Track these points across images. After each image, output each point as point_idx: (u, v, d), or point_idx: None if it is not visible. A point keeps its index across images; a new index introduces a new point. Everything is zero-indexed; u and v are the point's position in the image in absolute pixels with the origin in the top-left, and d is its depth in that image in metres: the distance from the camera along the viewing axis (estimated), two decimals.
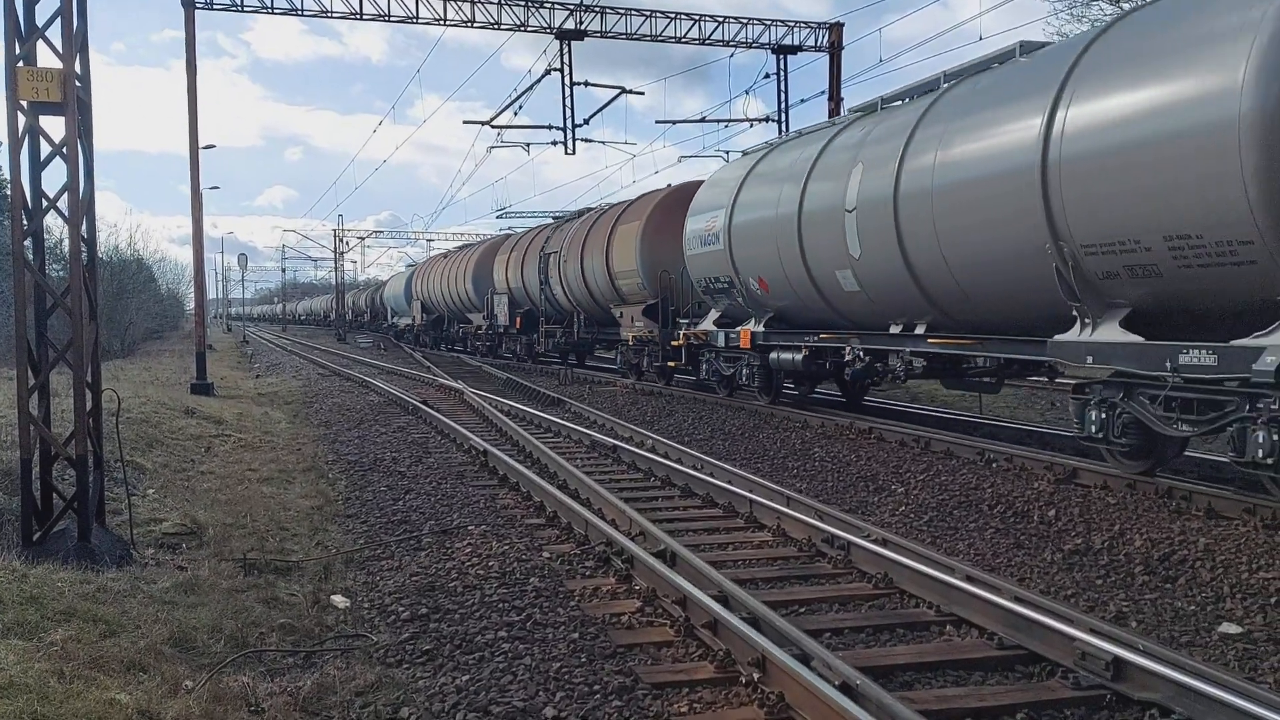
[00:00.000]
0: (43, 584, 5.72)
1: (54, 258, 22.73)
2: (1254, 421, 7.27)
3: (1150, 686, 4.42)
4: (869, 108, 13.69)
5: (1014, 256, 9.55)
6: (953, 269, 10.59)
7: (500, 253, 32.61)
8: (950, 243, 10.47)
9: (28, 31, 6.79)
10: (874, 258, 11.93)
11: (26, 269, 6.82)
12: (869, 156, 12.14)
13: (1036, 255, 9.14)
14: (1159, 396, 8.14)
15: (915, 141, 11.14)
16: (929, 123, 11.10)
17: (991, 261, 10.01)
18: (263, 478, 10.52)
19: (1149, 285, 8.32)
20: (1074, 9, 27.72)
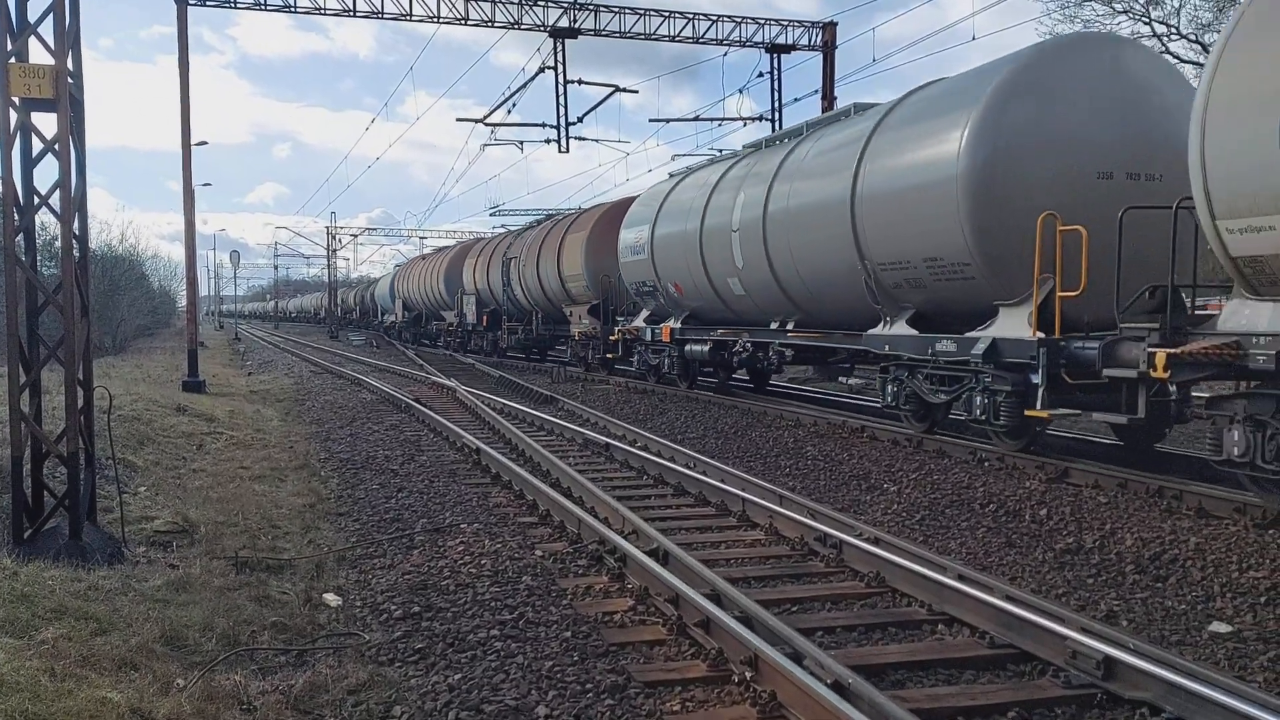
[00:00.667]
0: (34, 582, 5.70)
1: (46, 255, 22.65)
2: (975, 390, 10.54)
3: (1141, 685, 4.44)
4: (756, 144, 17.06)
5: (842, 270, 12.71)
6: (804, 279, 13.87)
7: (469, 257, 36.11)
8: (800, 258, 13.72)
9: (20, 28, 6.76)
10: (752, 268, 15.12)
11: (18, 266, 6.79)
12: (748, 188, 15.36)
13: (852, 270, 12.42)
14: (927, 373, 11.40)
15: (778, 179, 14.40)
16: (788, 164, 14.40)
17: (828, 274, 13.20)
18: (255, 475, 10.50)
19: (922, 293, 11.52)
20: (1066, 9, 27.79)
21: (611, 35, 25.16)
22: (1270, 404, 7.42)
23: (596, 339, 23.38)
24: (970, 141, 10.14)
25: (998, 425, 10.26)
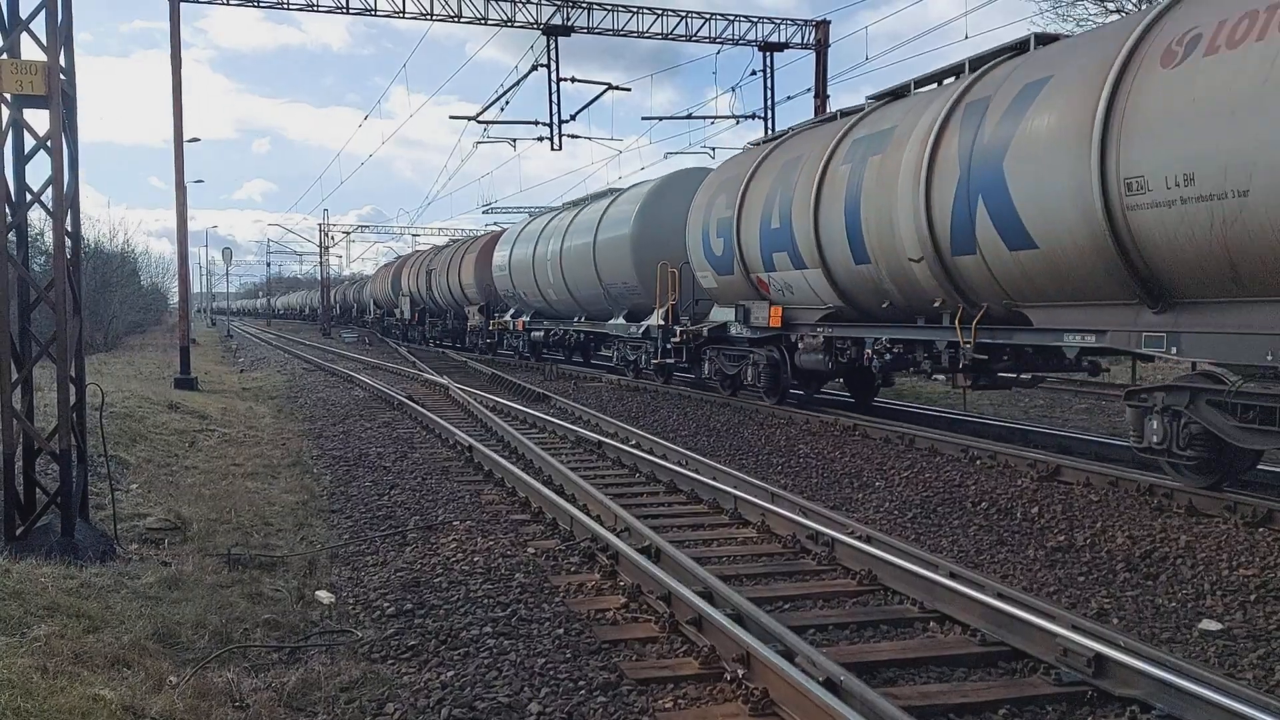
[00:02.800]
0: (25, 579, 5.69)
1: (36, 251, 22.56)
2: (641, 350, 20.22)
3: (1131, 683, 4.46)
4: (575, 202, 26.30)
5: (593, 287, 22.30)
6: (580, 292, 23.48)
7: (406, 267, 47.87)
8: (576, 280, 23.39)
9: (11, 24, 6.73)
10: (558, 285, 24.57)
11: (10, 263, 6.77)
12: (555, 235, 24.88)
13: (596, 288, 22.14)
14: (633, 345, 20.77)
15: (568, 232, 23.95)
16: (573, 223, 24.02)
17: (589, 289, 22.72)
18: (247, 473, 10.49)
19: (625, 302, 21.35)
20: (1059, 8, 27.86)
21: (604, 33, 25.15)
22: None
23: (484, 330, 32.34)
24: (634, 223, 20.26)
25: (660, 365, 19.08)
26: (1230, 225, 7.34)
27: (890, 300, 12.17)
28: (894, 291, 11.96)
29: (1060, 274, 9.25)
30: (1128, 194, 8.14)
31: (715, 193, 16.51)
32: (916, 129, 11.15)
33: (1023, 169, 9.33)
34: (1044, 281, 9.53)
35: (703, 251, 16.80)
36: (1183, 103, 7.65)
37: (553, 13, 24.36)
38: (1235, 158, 7.20)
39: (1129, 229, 8.24)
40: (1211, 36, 7.53)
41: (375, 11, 23.70)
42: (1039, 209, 9.17)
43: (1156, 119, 7.87)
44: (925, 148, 10.76)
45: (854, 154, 12.52)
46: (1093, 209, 8.44)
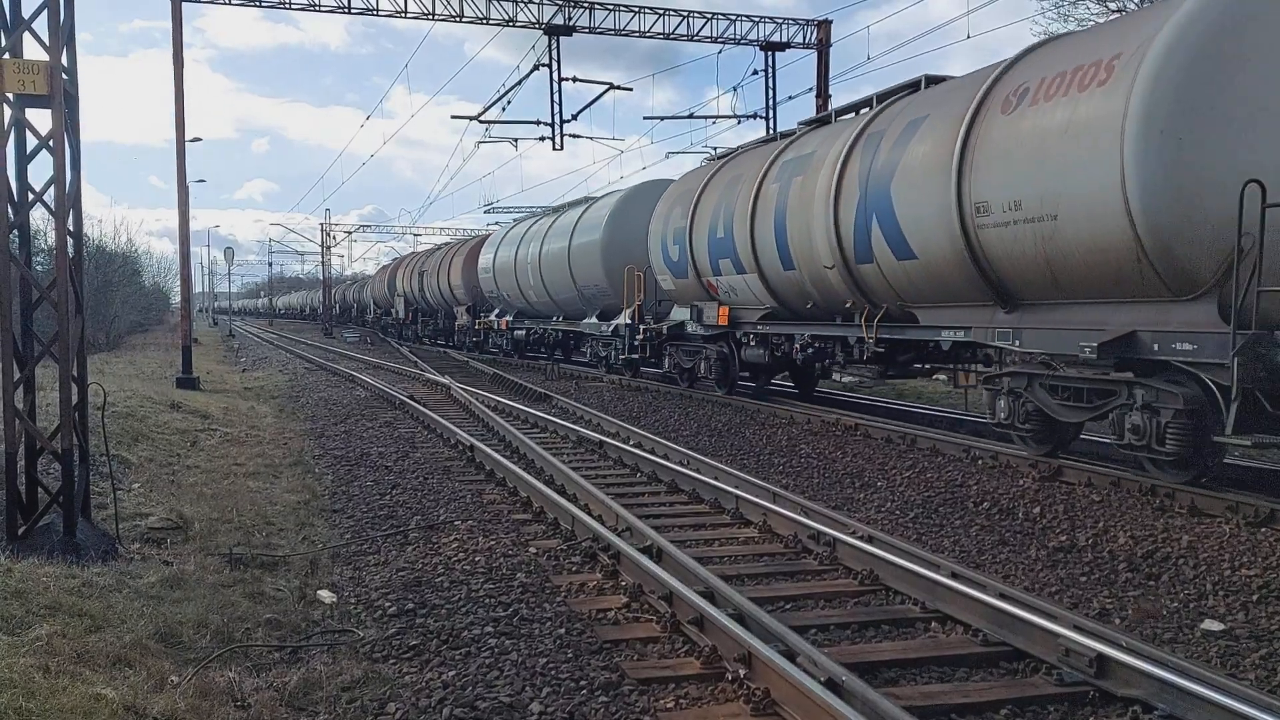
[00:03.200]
0: (27, 578, 5.69)
1: (39, 250, 22.57)
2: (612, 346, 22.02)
3: (1133, 683, 4.46)
4: (553, 208, 28.91)
5: (570, 290, 24.19)
6: (557, 294, 25.32)
7: (400, 269, 49.75)
8: (553, 283, 25.22)
9: (14, 23, 6.73)
10: (538, 287, 26.32)
11: (12, 262, 6.77)
12: (536, 239, 26.65)
13: (571, 290, 23.98)
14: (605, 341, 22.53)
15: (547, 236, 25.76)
16: (551, 229, 25.82)
17: (566, 292, 24.47)
18: (249, 472, 10.50)
19: (597, 303, 23.07)
20: (1060, 7, 27.84)
21: (605, 33, 25.15)
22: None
23: (471, 329, 34.33)
24: (604, 230, 22.03)
25: (627, 360, 20.64)
26: (1048, 242, 9.13)
27: (813, 301, 14.01)
28: (815, 294, 13.83)
29: (936, 281, 11.01)
30: (977, 216, 9.92)
31: (673, 204, 18.34)
32: (829, 155, 12.98)
33: (905, 193, 11.07)
34: (925, 287, 11.31)
35: (662, 257, 18.61)
36: (1013, 143, 9.41)
37: (554, 12, 24.35)
38: (1048, 188, 8.98)
39: (980, 245, 10.01)
40: (1034, 90, 9.36)
41: (378, 11, 23.71)
42: (917, 226, 10.91)
43: (996, 155, 9.65)
44: (835, 171, 12.55)
45: (782, 175, 14.32)
46: (954, 227, 10.20)
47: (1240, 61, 7.90)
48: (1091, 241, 8.73)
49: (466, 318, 34.51)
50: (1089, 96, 8.63)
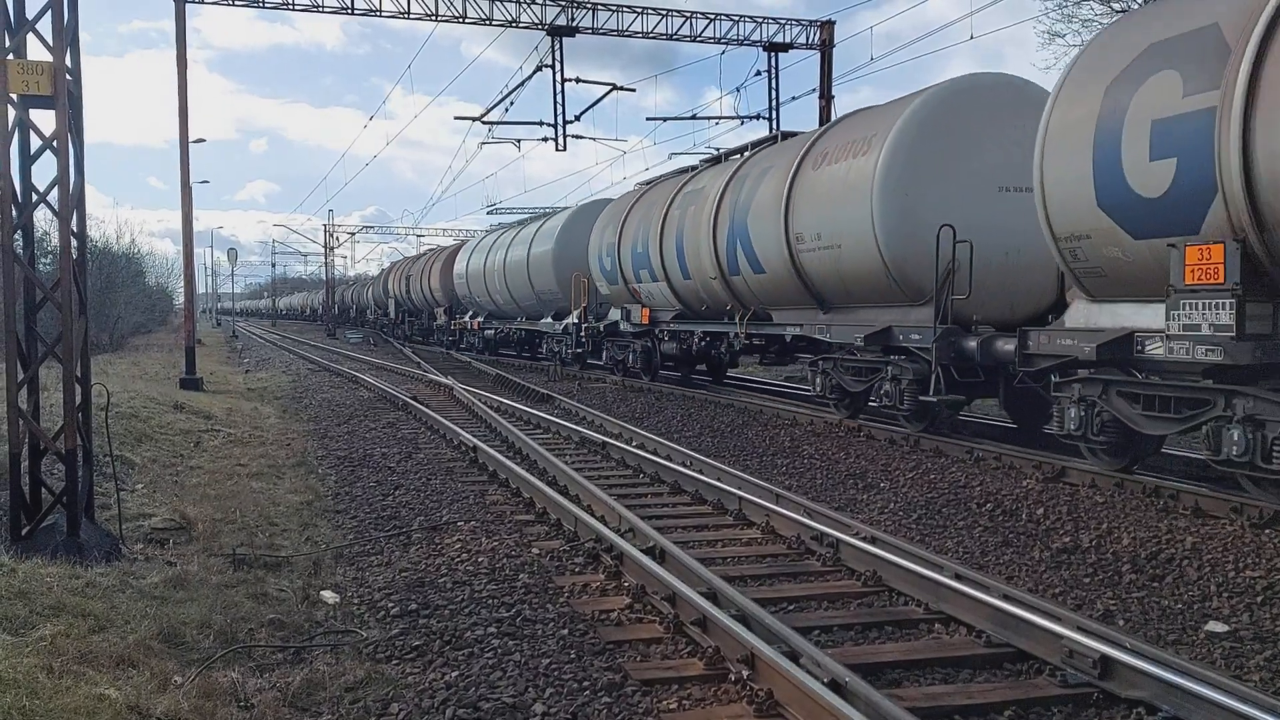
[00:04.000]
0: (31, 579, 5.70)
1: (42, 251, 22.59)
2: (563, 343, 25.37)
3: (1137, 684, 4.45)
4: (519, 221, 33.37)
5: (530, 295, 27.92)
6: (519, 299, 29.12)
7: (392, 273, 54.90)
8: (516, 288, 29.08)
9: (18, 24, 6.74)
10: (504, 291, 30.16)
11: (16, 263, 6.78)
12: (501, 248, 30.77)
13: (530, 295, 27.95)
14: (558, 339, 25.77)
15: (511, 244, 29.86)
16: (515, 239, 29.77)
17: (529, 298, 28.19)
18: (252, 473, 10.50)
19: (551, 305, 26.81)
20: (1064, 8, 27.80)
21: (609, 33, 25.16)
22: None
23: (446, 327, 39.02)
24: (555, 243, 25.44)
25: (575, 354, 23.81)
26: (838, 264, 12.98)
27: (706, 304, 17.77)
28: (707, 299, 17.59)
29: (779, 290, 14.84)
30: (798, 243, 13.74)
31: (607, 223, 22.22)
32: (713, 190, 16.78)
33: (756, 223, 14.90)
34: (774, 295, 15.17)
35: (599, 266, 22.37)
36: (818, 191, 13.31)
37: (557, 13, 24.36)
38: (835, 225, 12.82)
39: (801, 264, 13.83)
40: (831, 153, 13.28)
41: (380, 12, 23.72)
42: (764, 249, 14.70)
43: (808, 199, 13.54)
44: (715, 203, 16.47)
45: (683, 204, 18.19)
46: (784, 251, 14.05)
47: (942, 143, 11.72)
48: (860, 264, 12.48)
49: (444, 318, 39.43)
50: (857, 162, 12.43)
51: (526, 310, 29.05)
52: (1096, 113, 8.72)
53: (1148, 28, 8.59)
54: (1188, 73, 7.92)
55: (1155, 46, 8.32)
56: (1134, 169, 8.31)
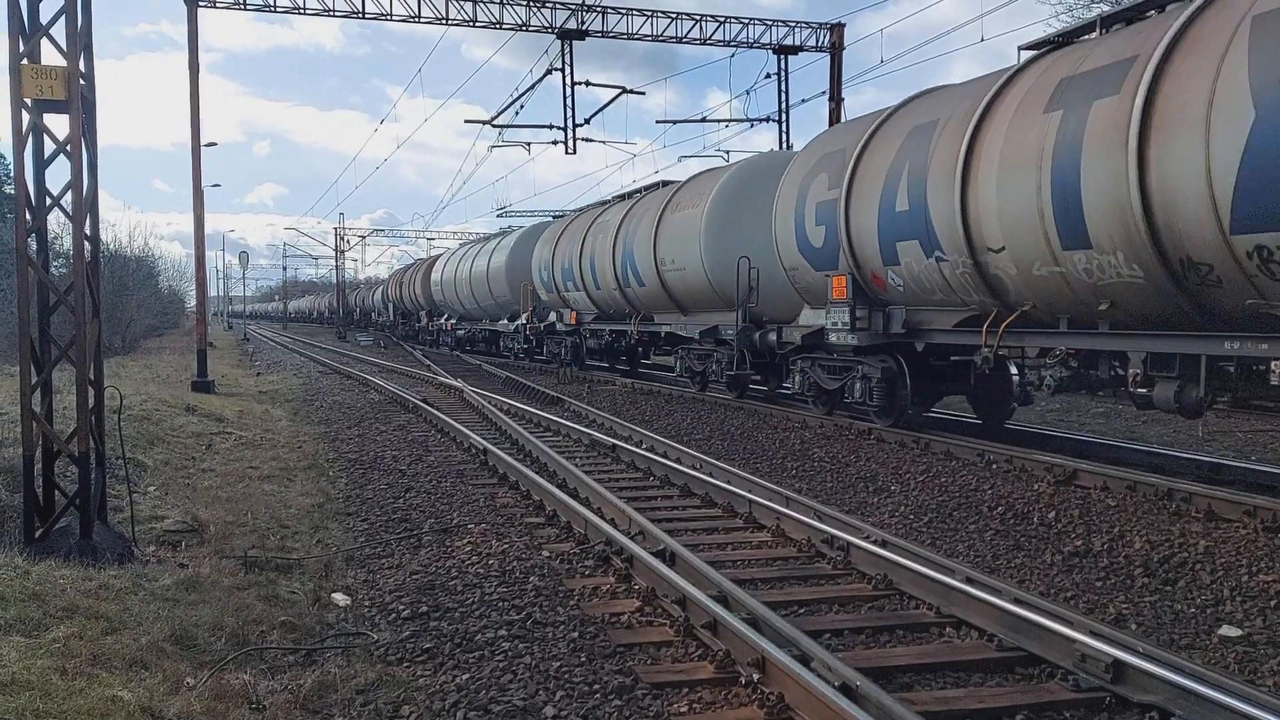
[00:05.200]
0: (44, 581, 5.73)
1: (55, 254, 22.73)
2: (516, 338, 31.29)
3: (1150, 689, 4.43)
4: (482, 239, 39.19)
5: (492, 300, 33.19)
6: (483, 305, 34.89)
7: (392, 279, 60.07)
8: (480, 297, 34.64)
9: (32, 29, 6.79)
10: (474, 295, 35.08)
11: (30, 266, 6.82)
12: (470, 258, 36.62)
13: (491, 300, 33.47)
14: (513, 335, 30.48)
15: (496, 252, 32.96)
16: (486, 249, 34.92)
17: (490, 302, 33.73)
18: (263, 475, 10.54)
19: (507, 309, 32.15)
20: (1074, 11, 27.73)
21: (619, 36, 25.18)
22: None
23: (425, 328, 45.30)
24: (509, 257, 30.77)
25: (524, 349, 28.99)
26: (684, 283, 18.31)
27: (613, 309, 22.78)
28: (613, 305, 22.65)
29: (654, 299, 20.10)
30: (662, 266, 18.95)
31: (545, 243, 27.27)
32: (614, 223, 21.86)
33: (638, 249, 19.95)
34: (651, 302, 20.44)
35: (539, 278, 27.50)
36: (674, 229, 18.51)
37: (567, 17, 24.39)
38: (680, 255, 18.11)
39: (665, 281, 18.99)
40: (681, 203, 18.60)
41: (391, 16, 23.79)
42: (644, 269, 19.73)
43: (668, 234, 18.72)
44: (615, 233, 21.51)
45: (595, 232, 23.16)
46: (653, 271, 19.30)
47: (743, 202, 16.89)
48: (697, 283, 17.86)
49: (426, 320, 45.61)
50: (694, 211, 17.80)
51: (488, 313, 34.53)
52: (795, 193, 14.30)
53: (823, 145, 14.29)
54: (831, 176, 13.37)
55: (821, 158, 13.93)
56: (810, 231, 13.87)
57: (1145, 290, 8.73)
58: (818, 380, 14.26)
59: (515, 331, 29.86)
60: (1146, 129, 8.19)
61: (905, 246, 11.63)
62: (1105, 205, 8.67)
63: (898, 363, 12.54)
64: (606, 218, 22.85)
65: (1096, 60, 9.18)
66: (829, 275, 13.11)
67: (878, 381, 12.68)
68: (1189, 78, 7.93)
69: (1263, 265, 7.48)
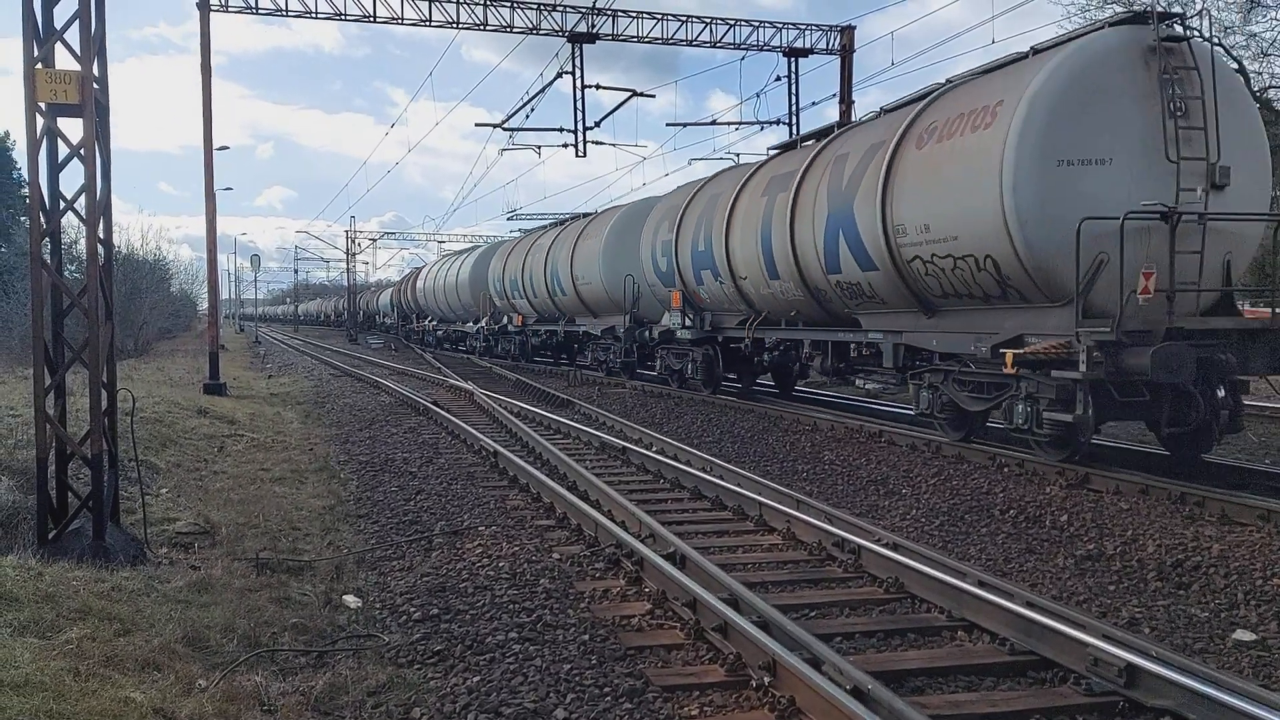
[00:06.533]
0: (58, 582, 5.76)
1: (69, 258, 22.86)
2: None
3: (1163, 693, 4.41)
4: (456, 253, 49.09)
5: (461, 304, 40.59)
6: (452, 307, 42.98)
7: (393, 287, 64.72)
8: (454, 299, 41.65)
9: (46, 34, 6.83)
10: (447, 301, 42.58)
11: (44, 269, 6.86)
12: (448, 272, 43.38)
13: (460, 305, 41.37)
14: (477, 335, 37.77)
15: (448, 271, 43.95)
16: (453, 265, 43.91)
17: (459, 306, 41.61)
18: (275, 477, 10.57)
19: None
20: (1086, 12, 27.63)
21: (629, 39, 25.20)
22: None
23: (413, 328, 51.10)
24: (470, 271, 37.83)
25: (483, 346, 35.88)
26: (593, 292, 24.25)
27: (548, 313, 28.37)
28: (546, 309, 28.35)
29: (574, 305, 25.83)
30: (577, 280, 25.05)
31: (497, 259, 34.13)
32: (544, 246, 27.95)
33: (560, 267, 25.90)
34: (573, 308, 25.92)
35: (494, 287, 33.76)
36: (584, 253, 24.60)
37: (577, 20, 24.42)
38: (589, 273, 24.09)
39: (580, 293, 24.97)
40: (589, 232, 25.05)
41: (402, 20, 23.85)
42: (565, 282, 25.74)
43: (579, 257, 24.87)
44: (546, 254, 27.37)
45: (534, 253, 29.02)
46: (571, 284, 25.34)
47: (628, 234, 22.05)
48: (600, 293, 23.39)
49: (415, 322, 51.38)
50: (596, 240, 23.64)
51: (459, 316, 41.08)
52: (652, 233, 20.34)
53: (666, 202, 20.86)
54: (669, 224, 19.23)
55: (665, 210, 20.14)
56: (659, 260, 19.89)
57: (804, 303, 14.74)
58: (669, 364, 20.18)
59: (476, 333, 36.72)
60: (795, 213, 14.16)
61: (705, 274, 17.75)
62: (780, 255, 14.70)
63: (715, 349, 18.31)
64: (541, 242, 29.33)
65: (785, 168, 15.32)
66: (670, 290, 19.24)
67: (700, 362, 18.58)
68: (809, 186, 14.00)
69: (842, 291, 13.42)
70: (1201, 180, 9.57)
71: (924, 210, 11.02)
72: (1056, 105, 9.57)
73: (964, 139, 10.45)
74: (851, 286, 12.99)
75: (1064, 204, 9.43)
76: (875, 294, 12.58)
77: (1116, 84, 9.67)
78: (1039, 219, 9.53)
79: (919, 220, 11.11)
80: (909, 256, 11.40)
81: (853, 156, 12.84)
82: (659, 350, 20.65)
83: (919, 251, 11.20)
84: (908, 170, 11.36)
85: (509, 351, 32.41)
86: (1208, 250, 9.50)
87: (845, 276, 12.97)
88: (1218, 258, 9.71)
